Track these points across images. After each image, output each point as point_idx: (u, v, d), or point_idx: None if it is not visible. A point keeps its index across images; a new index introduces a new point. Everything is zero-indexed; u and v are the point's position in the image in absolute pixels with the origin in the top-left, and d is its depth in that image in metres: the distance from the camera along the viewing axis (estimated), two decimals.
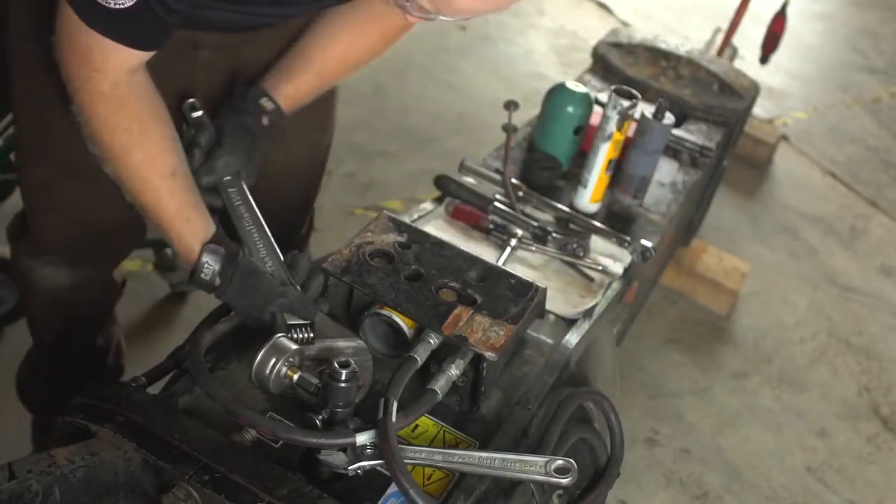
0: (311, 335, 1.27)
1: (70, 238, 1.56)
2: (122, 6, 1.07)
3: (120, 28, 1.11)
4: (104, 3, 1.07)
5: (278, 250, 1.33)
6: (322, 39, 1.45)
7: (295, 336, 1.24)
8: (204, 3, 1.18)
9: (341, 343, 1.27)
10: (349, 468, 1.09)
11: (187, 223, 1.27)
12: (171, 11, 1.11)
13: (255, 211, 1.36)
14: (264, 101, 1.41)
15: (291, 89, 1.44)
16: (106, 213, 1.50)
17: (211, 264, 1.25)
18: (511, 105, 1.93)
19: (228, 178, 1.36)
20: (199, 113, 1.38)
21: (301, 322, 1.26)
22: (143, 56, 1.17)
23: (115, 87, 1.17)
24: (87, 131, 1.21)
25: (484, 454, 1.13)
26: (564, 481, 1.11)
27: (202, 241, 1.27)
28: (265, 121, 1.41)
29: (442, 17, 1.07)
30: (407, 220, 1.59)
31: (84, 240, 1.56)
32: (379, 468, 1.11)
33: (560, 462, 1.12)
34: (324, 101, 1.56)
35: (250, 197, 1.37)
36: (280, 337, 1.18)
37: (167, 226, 1.27)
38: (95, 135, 1.21)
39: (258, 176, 1.43)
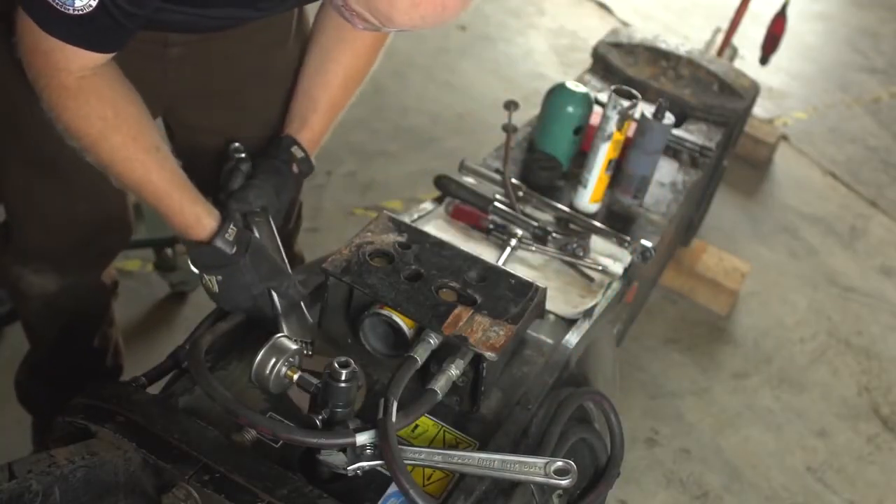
0: (311, 352, 1.27)
1: (55, 243, 1.56)
2: (80, 12, 1.07)
3: (79, 33, 1.10)
4: (62, 9, 1.06)
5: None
6: (320, 76, 1.49)
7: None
8: (167, 7, 1.18)
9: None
10: (349, 468, 1.09)
11: (184, 190, 1.27)
12: (130, 16, 1.11)
13: (278, 245, 1.40)
14: (295, 150, 1.46)
15: (308, 133, 1.49)
16: (88, 213, 1.51)
17: (234, 227, 1.27)
18: (511, 105, 1.93)
19: (257, 210, 1.39)
20: (243, 154, 1.46)
21: (302, 339, 1.28)
22: (106, 56, 1.17)
23: (82, 80, 1.16)
24: (60, 126, 1.20)
25: (483, 455, 1.13)
26: (564, 483, 1.11)
27: (206, 206, 1.28)
28: (295, 168, 1.47)
29: (386, 29, 1.07)
30: (407, 220, 1.59)
31: (69, 244, 1.56)
32: (379, 468, 1.11)
33: (560, 464, 1.12)
34: None
35: (276, 232, 1.40)
36: (280, 337, 1.18)
37: (163, 197, 1.26)
38: (70, 127, 1.20)
39: None
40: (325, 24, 1.48)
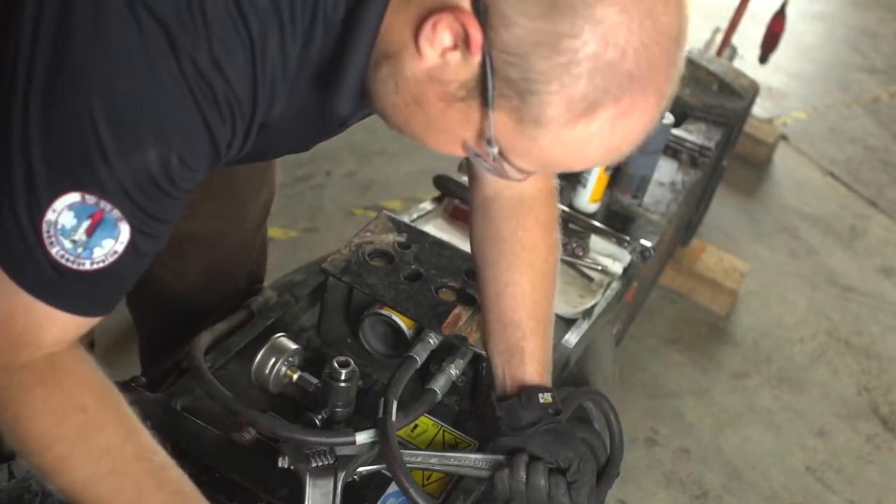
0: None
1: None
2: (99, 265, 0.78)
3: (82, 294, 0.80)
4: (73, 265, 0.77)
5: None
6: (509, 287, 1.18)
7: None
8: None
9: None
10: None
11: None
12: (159, 239, 0.83)
13: None
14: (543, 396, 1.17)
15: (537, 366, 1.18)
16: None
17: None
18: None
19: None
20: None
21: None
22: (97, 319, 0.85)
23: (54, 357, 0.83)
24: (13, 432, 0.83)
25: (481, 456, 1.13)
26: None
27: None
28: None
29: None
30: (407, 219, 1.59)
31: None
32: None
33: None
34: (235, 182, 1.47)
35: None
36: (280, 336, 1.18)
37: None
38: (31, 430, 0.82)
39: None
40: (486, 238, 1.21)
